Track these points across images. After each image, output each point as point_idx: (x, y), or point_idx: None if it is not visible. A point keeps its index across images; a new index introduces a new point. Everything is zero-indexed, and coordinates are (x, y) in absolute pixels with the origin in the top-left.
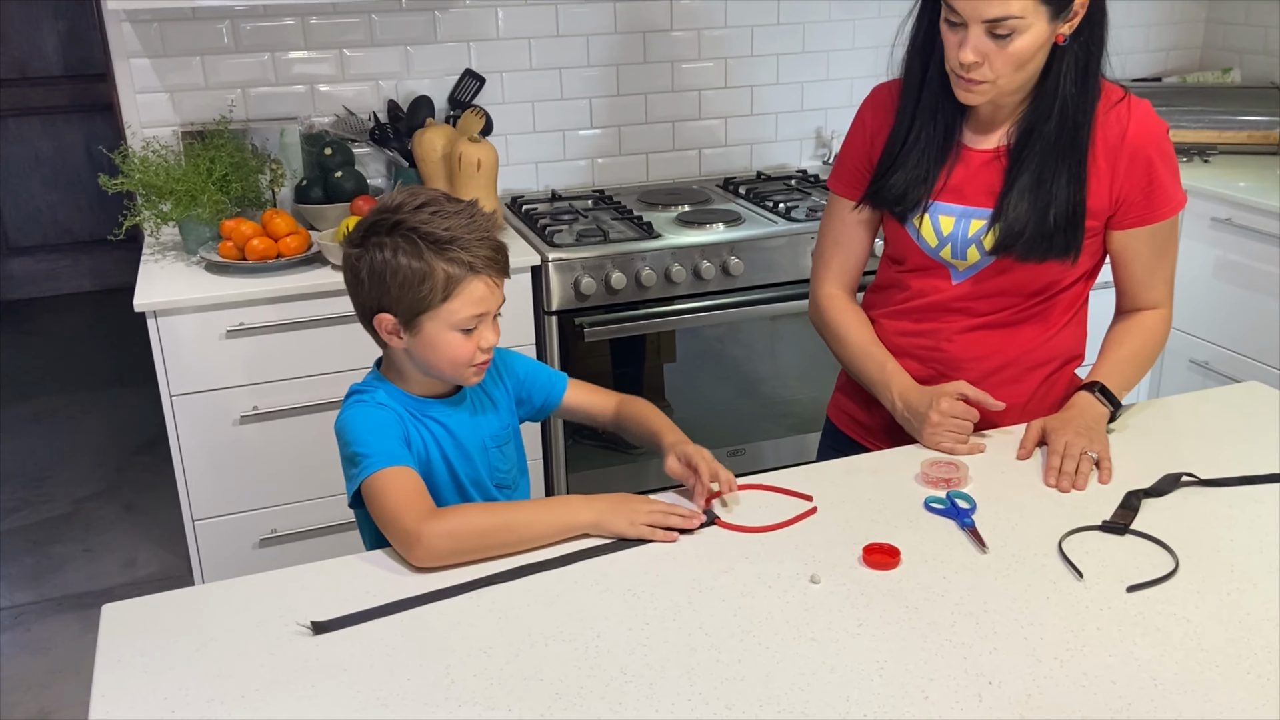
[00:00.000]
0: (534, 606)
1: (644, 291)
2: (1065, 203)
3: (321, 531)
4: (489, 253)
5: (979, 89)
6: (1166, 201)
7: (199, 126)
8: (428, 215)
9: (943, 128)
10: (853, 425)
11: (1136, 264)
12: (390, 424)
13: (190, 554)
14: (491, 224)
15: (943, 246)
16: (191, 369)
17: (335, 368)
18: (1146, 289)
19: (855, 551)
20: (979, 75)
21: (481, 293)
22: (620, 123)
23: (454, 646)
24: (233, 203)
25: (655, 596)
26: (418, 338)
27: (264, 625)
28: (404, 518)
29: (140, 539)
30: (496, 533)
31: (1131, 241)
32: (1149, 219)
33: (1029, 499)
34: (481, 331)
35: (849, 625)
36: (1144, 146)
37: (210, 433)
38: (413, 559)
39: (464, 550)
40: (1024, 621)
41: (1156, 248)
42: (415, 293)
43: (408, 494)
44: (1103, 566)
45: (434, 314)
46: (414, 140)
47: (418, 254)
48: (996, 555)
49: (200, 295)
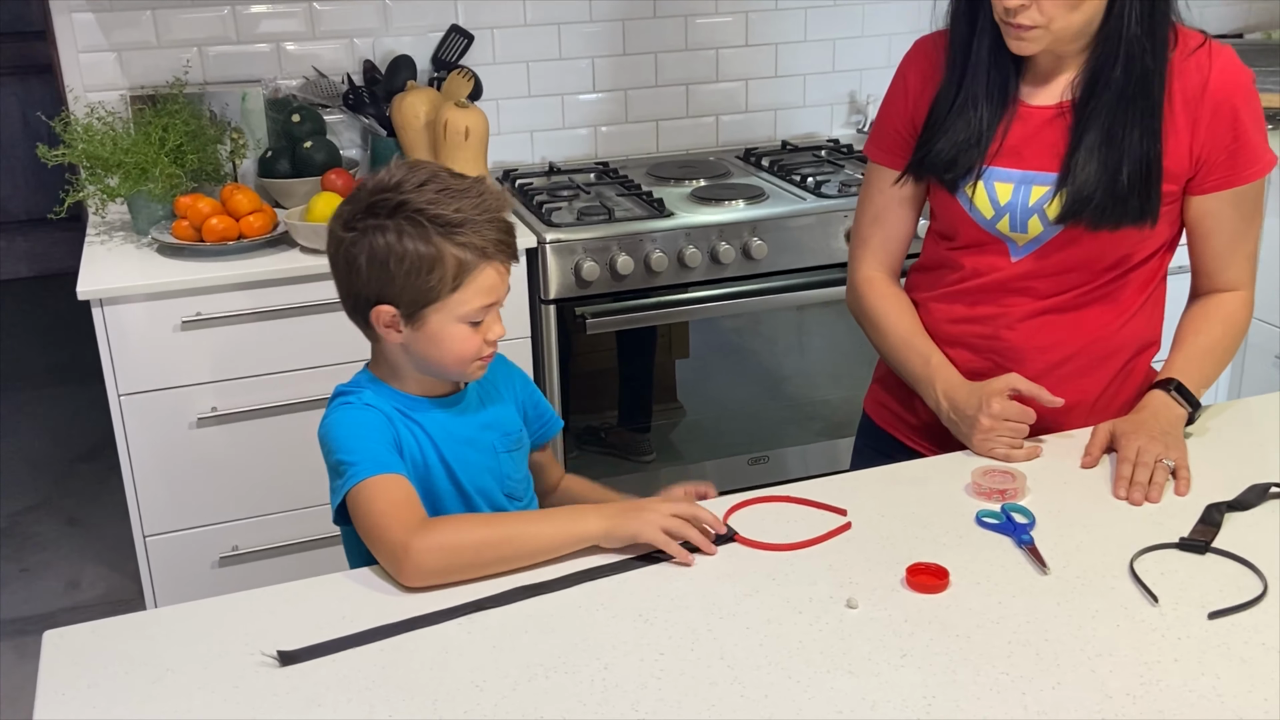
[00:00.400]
0: (532, 634)
1: (654, 277)
2: (1139, 159)
3: (290, 549)
4: (500, 235)
5: (1031, 35)
6: (1254, 160)
7: (150, 90)
8: (433, 194)
9: (999, 83)
10: (894, 421)
11: (1218, 235)
12: (378, 427)
13: (141, 574)
14: (501, 203)
15: (1000, 218)
16: (142, 365)
17: (305, 363)
18: (1227, 266)
19: (897, 572)
20: (1028, 19)
21: (492, 280)
22: (627, 86)
23: (441, 680)
24: (188, 177)
25: (670, 622)
26: (420, 331)
27: (225, 655)
28: (391, 530)
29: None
30: (495, 546)
31: (1213, 207)
32: (1234, 180)
33: (1096, 513)
34: (489, 324)
35: (890, 656)
36: (1229, 97)
37: (164, 437)
38: (401, 577)
39: (459, 566)
40: (1091, 652)
41: (1242, 216)
42: (423, 282)
43: (396, 504)
44: (1181, 590)
45: (441, 305)
46: (393, 106)
47: (425, 238)
48: (1059, 577)
49: (152, 281)
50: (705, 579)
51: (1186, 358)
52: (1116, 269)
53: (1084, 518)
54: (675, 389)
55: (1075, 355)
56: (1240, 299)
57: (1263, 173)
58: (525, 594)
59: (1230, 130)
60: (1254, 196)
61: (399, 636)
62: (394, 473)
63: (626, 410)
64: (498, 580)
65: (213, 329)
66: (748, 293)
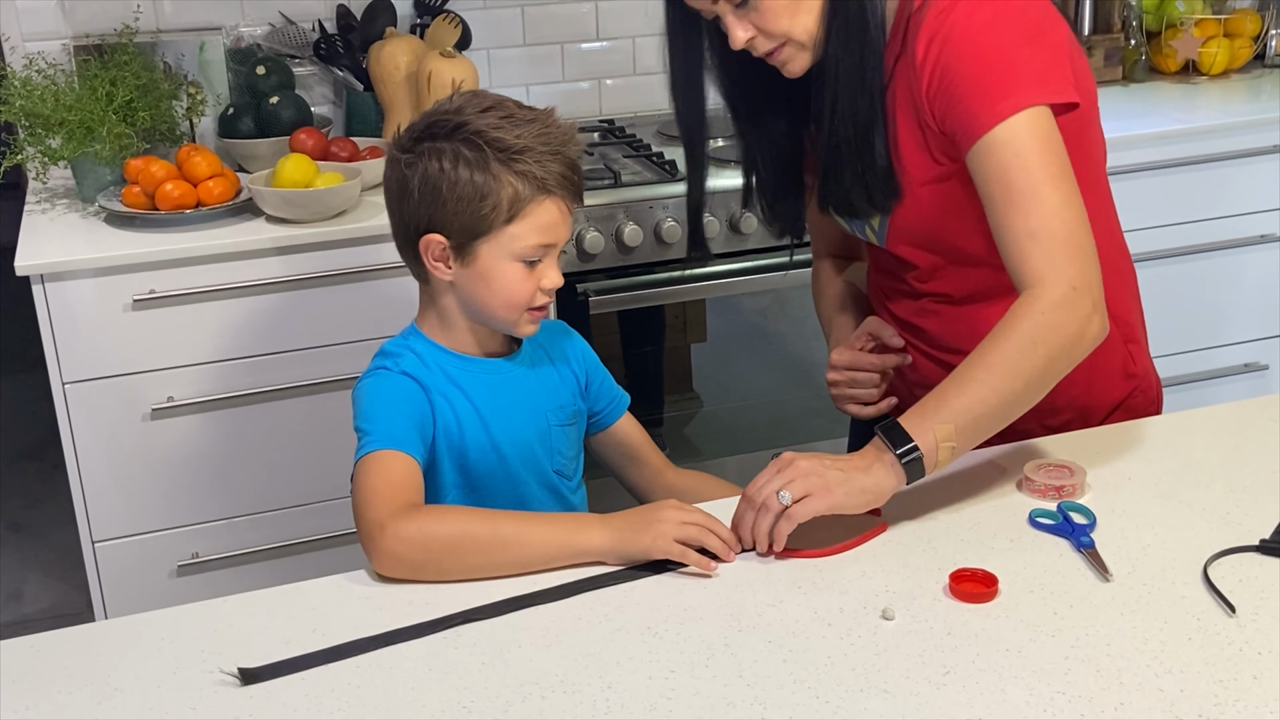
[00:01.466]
0: (527, 649)
1: (666, 250)
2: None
3: (258, 557)
4: (564, 170)
5: (783, 56)
6: (985, 107)
7: (96, 39)
8: (496, 119)
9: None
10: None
11: (985, 207)
12: (407, 400)
13: (90, 585)
14: (569, 137)
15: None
16: (89, 349)
17: (274, 347)
18: (1004, 251)
19: (940, 579)
20: (764, 45)
21: (553, 217)
22: (635, 33)
23: (425, 701)
24: (140, 137)
25: (682, 637)
26: (470, 267)
27: (181, 672)
28: (373, 507)
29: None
30: (478, 546)
31: (972, 168)
32: (967, 134)
33: (1164, 511)
34: (545, 269)
35: (932, 674)
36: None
37: (114, 430)
38: (372, 559)
39: (431, 562)
40: (1159, 669)
41: (997, 179)
42: (475, 210)
43: (389, 482)
44: (1260, 598)
45: (494, 238)
46: (370, 56)
47: (483, 164)
48: (1123, 584)
49: (100, 255)
50: (722, 588)
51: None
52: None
53: (1151, 517)
54: (690, 377)
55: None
56: (1026, 301)
57: (996, 118)
58: (520, 604)
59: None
60: (1000, 154)
61: (376, 652)
62: (403, 451)
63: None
64: (489, 589)
65: (168, 308)
66: (772, 267)
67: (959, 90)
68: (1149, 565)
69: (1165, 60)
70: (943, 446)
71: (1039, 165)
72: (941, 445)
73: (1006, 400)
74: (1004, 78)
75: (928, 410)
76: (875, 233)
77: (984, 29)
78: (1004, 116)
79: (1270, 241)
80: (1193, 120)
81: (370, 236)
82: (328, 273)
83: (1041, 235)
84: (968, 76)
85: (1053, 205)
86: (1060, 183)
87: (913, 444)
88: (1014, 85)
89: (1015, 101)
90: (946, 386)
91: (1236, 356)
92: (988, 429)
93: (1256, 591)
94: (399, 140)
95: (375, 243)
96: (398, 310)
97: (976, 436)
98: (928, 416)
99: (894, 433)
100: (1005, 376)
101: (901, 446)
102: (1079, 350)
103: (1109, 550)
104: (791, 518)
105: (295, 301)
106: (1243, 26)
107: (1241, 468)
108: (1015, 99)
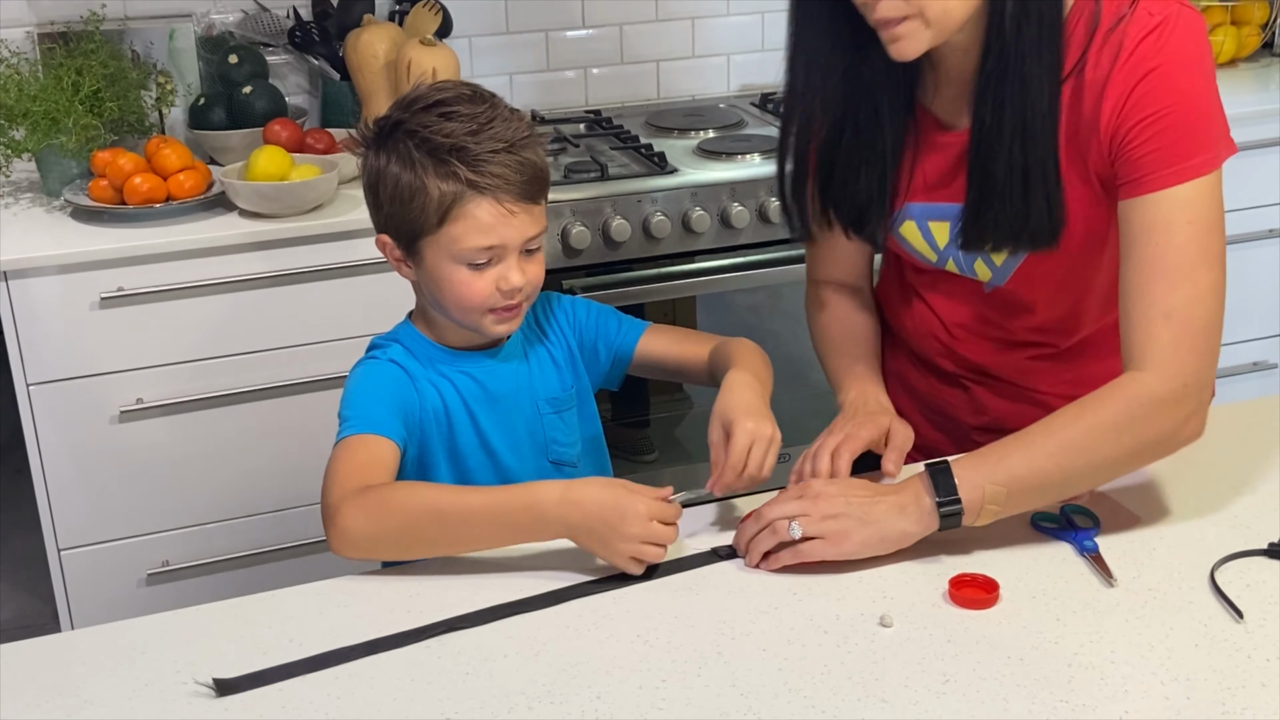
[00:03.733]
0: (513, 658)
1: (655, 244)
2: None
3: (231, 565)
4: (502, 170)
5: (903, 30)
6: (1168, 161)
7: (61, 26)
8: (433, 117)
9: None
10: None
11: (1123, 263)
12: (391, 387)
13: (56, 594)
14: (515, 132)
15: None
16: (55, 349)
17: (248, 347)
18: (1129, 319)
19: (939, 585)
20: (893, 10)
21: (489, 219)
22: (622, 20)
23: (407, 713)
24: (107, 128)
25: (674, 644)
26: (421, 269)
27: (152, 684)
28: (331, 491)
29: None
30: (424, 521)
31: (1122, 214)
32: (1138, 185)
33: (1170, 515)
34: (502, 269)
35: (931, 682)
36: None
37: (81, 434)
38: (329, 540)
39: (382, 537)
40: (1165, 676)
41: (1153, 242)
42: (406, 211)
43: (355, 465)
44: (1269, 603)
45: (433, 240)
46: (347, 44)
47: (410, 164)
48: (1127, 589)
49: (66, 251)
50: (715, 594)
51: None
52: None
53: (1156, 520)
54: None
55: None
56: (1129, 383)
57: (1182, 176)
58: (505, 612)
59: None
60: (1172, 215)
61: (356, 662)
62: (378, 434)
63: (622, 402)
64: (472, 596)
65: (137, 307)
66: (764, 262)
67: (1152, 130)
68: (1154, 570)
69: None
70: (987, 509)
71: (1205, 241)
72: (987, 507)
73: (1069, 478)
74: (1199, 130)
75: (986, 464)
76: (994, 268)
77: (1190, 67)
78: (1189, 177)
79: (1278, 236)
80: None
81: (348, 231)
82: (303, 269)
83: (1177, 318)
84: (1166, 118)
85: (1201, 290)
86: (1216, 265)
87: (957, 497)
88: (1207, 139)
89: (1205, 160)
90: (1012, 446)
91: (1244, 355)
92: (1039, 501)
93: (1265, 596)
94: (361, 135)
95: (353, 238)
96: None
97: (1025, 506)
98: (983, 471)
99: (942, 477)
100: (1078, 456)
101: (945, 495)
102: (1166, 449)
103: (1113, 554)
104: (796, 554)
105: (269, 299)
106: (1250, 14)
107: (1249, 469)
108: (1206, 156)
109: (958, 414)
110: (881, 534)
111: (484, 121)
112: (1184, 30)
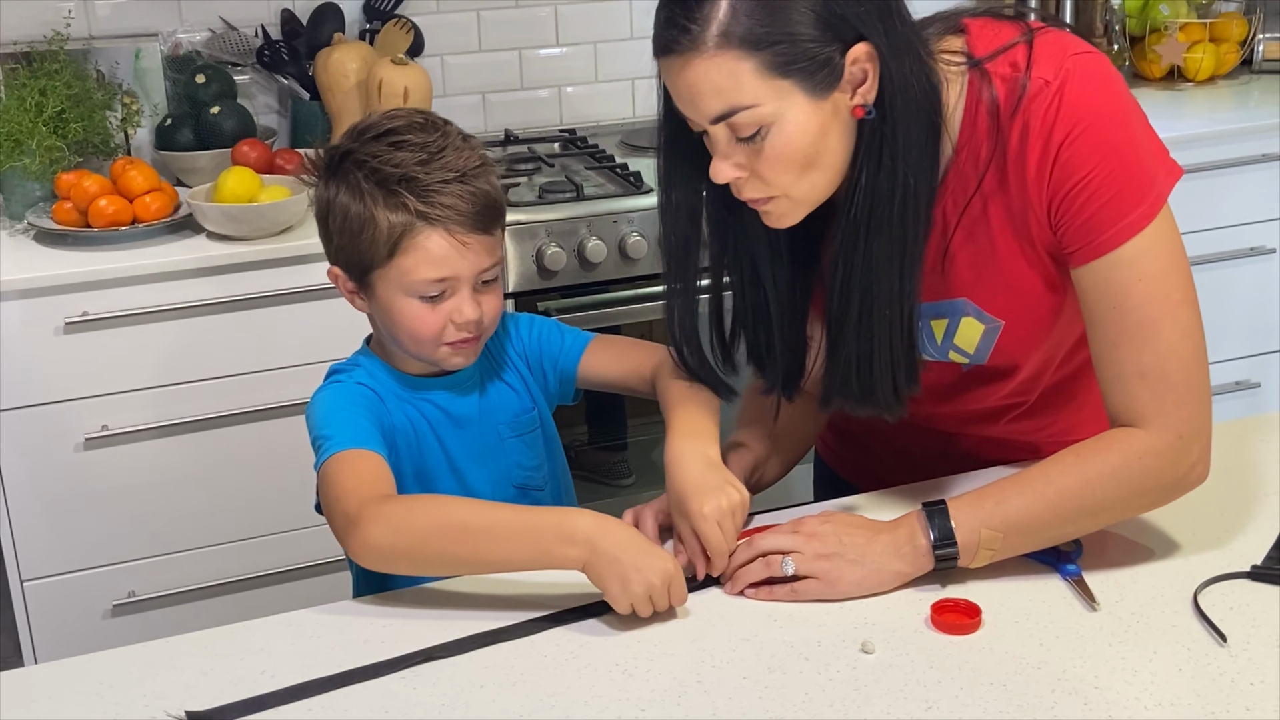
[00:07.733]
0: (490, 688)
1: (630, 265)
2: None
3: (199, 594)
4: (453, 200)
5: (772, 209)
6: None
7: (25, 46)
8: (383, 146)
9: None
10: (846, 466)
11: (1091, 330)
12: (364, 404)
13: (19, 627)
14: (466, 161)
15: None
16: (18, 375)
17: (215, 371)
18: (1107, 383)
19: (921, 610)
20: (755, 191)
21: (440, 250)
22: (596, 38)
23: None
24: (72, 150)
25: (653, 673)
26: (373, 301)
27: (123, 718)
28: (346, 500)
29: None
30: (447, 536)
31: (1081, 285)
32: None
33: (1152, 537)
34: (456, 302)
35: (914, 708)
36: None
37: (44, 461)
38: (349, 550)
39: (403, 550)
40: (1149, 701)
41: (1114, 304)
42: (356, 243)
43: (361, 478)
44: (1253, 626)
45: (384, 273)
46: (317, 63)
47: (359, 195)
48: (1110, 612)
49: (29, 275)
50: (694, 622)
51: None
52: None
53: (1139, 543)
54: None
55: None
56: (1124, 438)
57: (1122, 236)
58: (482, 641)
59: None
60: (1121, 276)
61: (330, 693)
62: (370, 449)
63: (598, 425)
64: (449, 627)
65: (103, 331)
66: None
67: (1082, 198)
68: (1137, 593)
69: (1149, 66)
70: (982, 552)
71: (1161, 292)
72: (982, 550)
73: (1065, 524)
74: (1130, 181)
75: (983, 507)
76: (968, 355)
77: (1101, 120)
78: (1131, 234)
79: (1261, 254)
80: (1179, 128)
81: (318, 254)
82: (272, 293)
83: (1152, 375)
84: (1093, 182)
85: (1170, 341)
86: (1181, 311)
87: (953, 540)
88: (1139, 187)
89: (1144, 211)
90: (1010, 490)
91: (1227, 374)
92: (1034, 546)
93: (1248, 619)
94: (314, 163)
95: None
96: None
97: (1020, 550)
98: (980, 515)
99: (938, 519)
100: (1074, 502)
101: (941, 537)
102: (1170, 496)
103: (1095, 578)
104: (793, 594)
105: (238, 323)
106: (1229, 31)
107: (1232, 490)
108: (1144, 207)
109: (923, 456)
110: (876, 575)
111: (434, 151)
112: (1080, 83)
